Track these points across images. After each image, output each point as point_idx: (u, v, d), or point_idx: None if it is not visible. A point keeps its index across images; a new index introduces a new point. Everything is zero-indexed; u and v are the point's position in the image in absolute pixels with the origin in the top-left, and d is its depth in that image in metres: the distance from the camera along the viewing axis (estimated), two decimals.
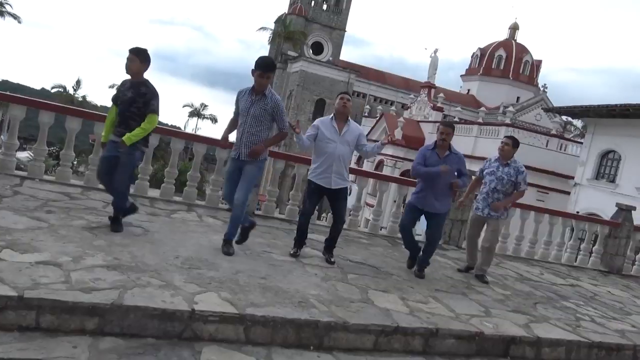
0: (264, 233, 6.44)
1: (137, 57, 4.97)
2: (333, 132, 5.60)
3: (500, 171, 6.45)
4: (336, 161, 5.57)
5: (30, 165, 6.79)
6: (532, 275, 7.82)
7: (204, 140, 7.62)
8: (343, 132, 5.63)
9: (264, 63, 5.06)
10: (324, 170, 5.58)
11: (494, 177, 6.47)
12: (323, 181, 5.60)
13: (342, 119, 5.69)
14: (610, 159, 23.30)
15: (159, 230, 5.44)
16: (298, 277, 4.84)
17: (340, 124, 5.66)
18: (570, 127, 47.74)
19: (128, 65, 4.96)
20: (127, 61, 4.94)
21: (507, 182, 6.43)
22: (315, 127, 5.66)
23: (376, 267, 5.97)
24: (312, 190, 5.72)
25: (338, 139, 5.60)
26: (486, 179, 6.54)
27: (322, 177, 5.60)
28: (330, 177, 5.58)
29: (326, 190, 5.66)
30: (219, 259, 4.85)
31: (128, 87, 5.01)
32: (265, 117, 5.12)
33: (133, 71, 5.00)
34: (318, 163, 5.62)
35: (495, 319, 4.98)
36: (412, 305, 4.78)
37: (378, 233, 8.33)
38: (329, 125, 5.64)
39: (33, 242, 4.19)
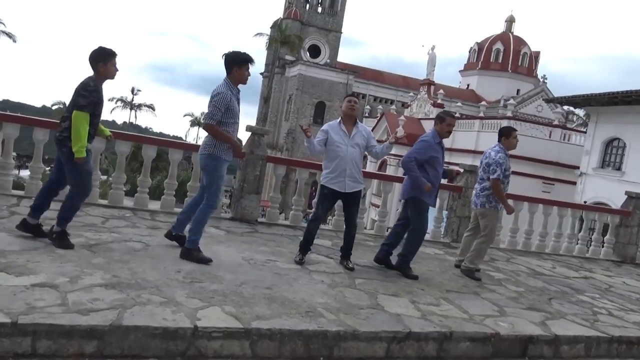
0: (268, 241, 6.30)
1: None
2: (343, 136, 5.50)
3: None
4: (349, 164, 5.46)
5: (27, 183, 6.67)
6: (545, 269, 7.64)
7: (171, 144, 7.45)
8: (352, 134, 5.53)
9: (249, 56, 4.99)
10: (338, 175, 5.47)
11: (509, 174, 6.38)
12: (337, 185, 5.49)
13: (351, 121, 5.59)
14: (615, 147, 23.10)
15: (160, 243, 5.30)
16: (304, 286, 4.69)
17: (348, 127, 5.56)
18: (572, 117, 47.44)
19: (114, 71, 4.78)
20: (115, 66, 4.77)
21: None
22: (324, 132, 5.55)
23: (384, 271, 5.81)
24: (326, 195, 5.60)
25: (348, 142, 5.50)
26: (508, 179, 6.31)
27: (335, 181, 5.49)
28: (345, 181, 5.48)
29: (341, 194, 5.56)
30: (222, 271, 4.71)
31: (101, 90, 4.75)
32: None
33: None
34: (330, 168, 5.51)
35: (511, 318, 4.82)
36: (423, 308, 4.63)
37: (384, 234, 8.15)
38: (337, 129, 5.53)
39: (29, 263, 4.05)
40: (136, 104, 56.99)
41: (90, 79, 4.72)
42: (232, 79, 4.99)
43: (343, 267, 5.60)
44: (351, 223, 5.74)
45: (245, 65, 4.98)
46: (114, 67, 4.77)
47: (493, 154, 6.21)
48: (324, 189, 5.57)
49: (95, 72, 4.74)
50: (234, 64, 4.96)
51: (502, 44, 56.61)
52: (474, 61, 58.77)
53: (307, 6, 58.21)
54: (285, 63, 57.58)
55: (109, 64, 4.75)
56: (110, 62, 4.75)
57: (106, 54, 4.76)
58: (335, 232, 7.45)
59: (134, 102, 57.20)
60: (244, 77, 5.00)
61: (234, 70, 4.96)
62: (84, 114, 4.56)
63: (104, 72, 4.76)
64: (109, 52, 4.78)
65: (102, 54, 4.75)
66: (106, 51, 4.77)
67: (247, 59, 4.99)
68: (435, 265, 6.52)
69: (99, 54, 4.75)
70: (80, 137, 4.55)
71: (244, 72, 4.98)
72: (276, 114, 58.56)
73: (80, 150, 4.56)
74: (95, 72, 4.74)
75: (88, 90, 4.59)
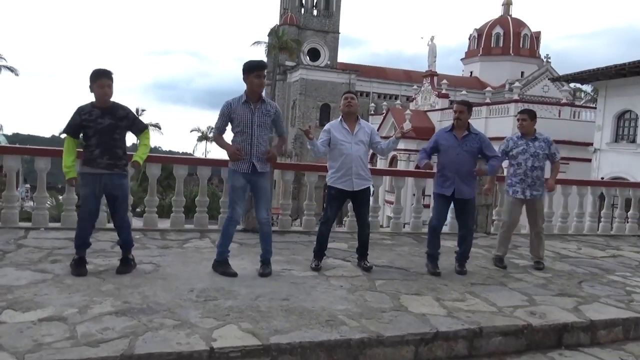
0: (282, 250, 6.12)
1: (112, 80, 4.70)
2: (345, 134, 5.35)
3: (532, 147, 6.08)
4: (354, 162, 5.29)
5: (34, 214, 6.56)
6: (570, 251, 7.39)
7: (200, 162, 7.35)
8: (355, 131, 5.36)
9: (258, 63, 4.92)
10: (344, 174, 5.30)
11: (527, 154, 6.06)
12: (344, 184, 5.32)
13: (352, 119, 5.43)
14: (627, 119, 22.71)
15: (171, 263, 5.15)
16: (323, 293, 4.51)
17: (350, 124, 5.40)
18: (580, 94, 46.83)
19: (107, 91, 4.62)
20: (106, 88, 4.60)
21: (542, 157, 6.08)
22: (326, 132, 5.40)
23: (404, 269, 5.61)
24: (333, 196, 5.42)
25: (352, 139, 5.33)
26: (519, 159, 6.09)
27: (342, 180, 5.32)
28: (351, 180, 5.30)
29: (349, 193, 5.39)
30: (236, 285, 4.54)
31: (100, 115, 4.61)
32: (268, 124, 4.99)
33: (110, 96, 4.69)
34: (336, 167, 5.35)
35: (542, 306, 4.59)
36: (449, 305, 4.42)
37: (401, 231, 7.97)
38: (339, 128, 5.38)
39: (36, 297, 3.91)
40: None
41: (90, 103, 4.69)
42: (246, 88, 4.94)
43: (361, 268, 5.42)
44: (363, 222, 5.56)
45: (252, 72, 4.84)
46: (101, 88, 4.60)
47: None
48: (331, 190, 5.39)
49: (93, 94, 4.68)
50: (244, 73, 4.90)
51: (502, 28, 56.16)
52: (474, 48, 58.36)
53: (303, 10, 58.21)
54: (286, 69, 57.58)
55: (95, 85, 4.61)
56: (97, 82, 4.60)
57: (93, 75, 4.65)
58: (350, 233, 7.25)
59: None
60: (252, 84, 4.87)
61: (245, 78, 4.90)
62: (67, 138, 4.65)
63: (96, 93, 4.65)
64: (97, 72, 4.65)
65: (91, 75, 4.67)
66: (94, 72, 4.67)
67: (252, 66, 4.87)
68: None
69: (91, 75, 4.65)
70: (63, 159, 4.65)
71: (252, 80, 4.86)
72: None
73: (65, 172, 4.65)
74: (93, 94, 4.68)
75: (73, 114, 4.61)
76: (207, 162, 7.41)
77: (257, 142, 4.89)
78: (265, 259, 5.04)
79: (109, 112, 4.68)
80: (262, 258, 5.05)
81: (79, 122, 4.61)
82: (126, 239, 4.93)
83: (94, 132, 4.64)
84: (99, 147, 4.66)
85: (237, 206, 5.03)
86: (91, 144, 4.67)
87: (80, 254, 4.76)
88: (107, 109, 4.68)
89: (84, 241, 4.80)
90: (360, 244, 5.57)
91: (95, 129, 4.63)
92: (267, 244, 5.05)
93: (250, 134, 4.88)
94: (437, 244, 5.69)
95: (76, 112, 4.61)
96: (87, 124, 4.62)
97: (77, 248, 4.77)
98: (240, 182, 4.96)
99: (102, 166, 4.67)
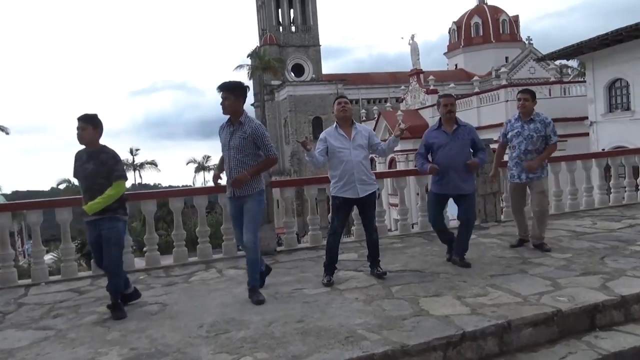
0: (291, 269, 5.91)
1: (89, 124, 4.57)
2: (342, 140, 5.14)
3: (527, 129, 5.89)
4: (355, 168, 5.08)
5: (32, 270, 6.35)
6: (585, 228, 7.16)
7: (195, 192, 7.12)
8: (353, 136, 5.16)
9: (219, 86, 4.74)
10: (346, 182, 5.09)
11: (521, 137, 5.90)
12: (349, 193, 5.11)
13: (347, 124, 5.22)
14: (618, 88, 22.56)
15: (178, 300, 4.94)
16: (338, 309, 4.29)
17: (346, 130, 5.19)
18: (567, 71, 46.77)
19: (81, 134, 4.54)
20: (79, 130, 4.54)
21: (537, 139, 5.87)
22: (322, 141, 5.19)
23: (419, 271, 5.40)
24: (338, 205, 5.21)
25: (349, 145, 5.12)
26: (513, 142, 5.95)
27: (346, 189, 5.11)
28: (355, 186, 5.09)
29: (354, 200, 5.18)
30: (248, 313, 4.33)
31: (86, 159, 4.55)
32: (247, 146, 4.74)
33: (87, 140, 4.57)
34: (337, 176, 5.14)
35: (568, 289, 4.38)
36: (471, 302, 4.20)
37: (410, 232, 7.75)
38: (335, 135, 5.17)
39: (39, 357, 3.71)
40: (138, 164, 57.11)
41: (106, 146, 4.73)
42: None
43: (375, 275, 5.20)
44: (371, 228, 5.35)
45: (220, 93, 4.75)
46: (77, 130, 4.58)
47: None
48: (336, 200, 5.18)
49: None
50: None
51: (479, 17, 56.41)
52: (456, 40, 58.54)
53: (281, 28, 58.46)
54: (272, 88, 57.65)
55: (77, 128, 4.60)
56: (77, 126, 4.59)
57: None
58: (359, 242, 7.04)
59: (136, 163, 57.36)
60: (223, 108, 4.79)
61: None
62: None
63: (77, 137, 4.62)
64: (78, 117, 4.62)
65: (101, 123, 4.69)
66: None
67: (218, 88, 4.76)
68: (472, 251, 6.04)
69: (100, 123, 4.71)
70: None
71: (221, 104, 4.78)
72: (275, 139, 58.49)
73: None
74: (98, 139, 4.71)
75: None
76: (202, 191, 7.19)
77: (235, 165, 4.73)
78: (251, 286, 4.73)
79: (93, 156, 4.60)
80: (248, 286, 4.77)
81: (74, 168, 4.65)
82: (114, 283, 4.68)
83: (83, 177, 4.62)
84: (87, 192, 4.60)
85: (235, 231, 4.93)
86: (82, 189, 4.64)
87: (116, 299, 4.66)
88: (92, 153, 4.61)
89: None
90: (370, 250, 5.37)
91: (83, 174, 4.61)
92: (250, 270, 4.76)
93: (227, 157, 4.77)
94: (446, 235, 5.76)
95: (75, 157, 4.67)
96: (76, 169, 4.63)
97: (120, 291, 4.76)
98: (232, 207, 4.91)
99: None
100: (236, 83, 4.79)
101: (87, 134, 4.55)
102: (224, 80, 4.75)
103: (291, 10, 59.18)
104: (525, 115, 5.92)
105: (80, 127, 4.52)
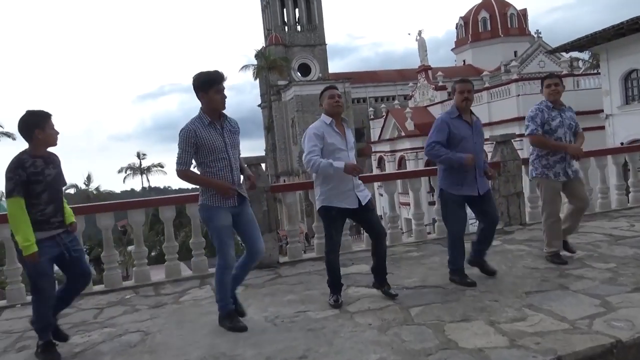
0: (294, 285, 5.24)
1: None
2: (339, 139, 4.36)
3: (566, 118, 5.14)
4: None
5: (7, 290, 5.73)
6: (623, 230, 6.42)
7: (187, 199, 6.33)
8: (346, 135, 4.44)
9: (215, 75, 3.98)
10: (345, 190, 4.32)
11: (565, 127, 5.11)
12: (347, 202, 4.34)
13: (339, 119, 4.47)
14: (634, 79, 21.73)
15: (163, 327, 4.27)
16: (348, 339, 3.60)
17: (339, 127, 4.43)
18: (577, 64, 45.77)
19: (54, 134, 3.84)
20: (53, 131, 3.82)
21: (574, 128, 5.17)
22: (319, 138, 4.31)
23: (441, 287, 4.68)
24: (334, 217, 4.41)
25: (346, 145, 4.38)
26: (559, 133, 5.09)
27: (344, 197, 4.33)
28: (354, 194, 4.35)
29: (352, 210, 4.41)
30: (241, 346, 3.65)
31: (44, 165, 3.79)
32: (238, 142, 4.15)
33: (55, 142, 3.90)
34: (333, 183, 4.33)
35: (622, 311, 3.66)
36: (507, 329, 3.50)
37: (427, 239, 7.03)
38: (332, 132, 4.36)
39: None
40: (145, 168, 56.76)
41: (23, 153, 3.79)
42: (204, 107, 4.00)
43: (386, 294, 4.48)
44: (379, 231, 4.55)
45: (211, 87, 3.94)
46: (53, 130, 3.83)
47: (529, 111, 5.21)
48: (331, 211, 4.37)
49: (32, 143, 3.82)
50: (200, 90, 3.97)
51: (487, 12, 55.48)
52: (463, 36, 57.62)
53: (286, 28, 57.93)
54: (279, 89, 57.11)
55: (46, 127, 3.81)
56: (47, 125, 3.81)
57: (41, 117, 3.83)
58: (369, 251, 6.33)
59: (143, 167, 56.99)
60: (214, 101, 3.96)
61: (201, 96, 3.98)
62: (15, 200, 3.62)
63: (44, 138, 3.83)
64: (43, 114, 3.85)
65: (36, 118, 3.82)
66: (39, 114, 3.84)
67: (211, 80, 3.95)
68: (498, 261, 5.35)
69: (33, 119, 3.81)
70: (19, 229, 3.61)
71: (212, 95, 3.94)
72: (283, 140, 57.95)
73: (27, 247, 3.59)
74: (32, 142, 3.81)
75: (11, 169, 3.67)
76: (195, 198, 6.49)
77: (235, 166, 4.06)
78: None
79: (51, 161, 3.89)
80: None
81: (26, 177, 3.71)
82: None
83: (44, 186, 3.80)
84: (51, 203, 3.83)
85: (230, 249, 4.03)
86: (41, 202, 3.79)
87: (46, 338, 3.87)
88: (47, 157, 3.90)
89: (48, 321, 3.90)
90: (376, 262, 4.59)
91: (45, 183, 3.80)
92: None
93: (228, 158, 4.01)
94: (463, 254, 4.85)
95: (17, 167, 3.69)
96: (35, 177, 3.76)
97: (40, 332, 3.87)
98: (226, 219, 4.04)
99: (57, 225, 3.85)
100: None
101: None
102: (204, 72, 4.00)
103: (296, 9, 58.61)
104: (559, 103, 5.17)
105: (53, 127, 3.84)
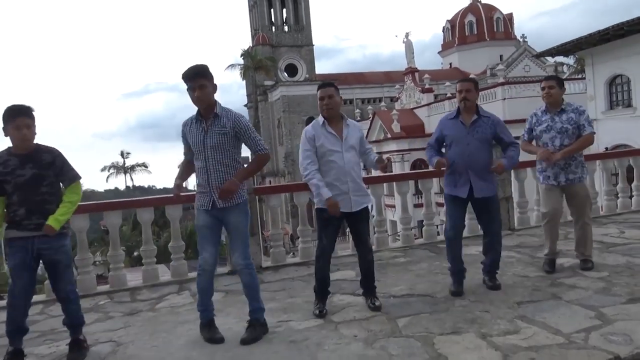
0: (277, 292, 5.03)
1: (33, 120, 3.63)
2: (333, 140, 4.18)
3: (558, 122, 4.95)
4: (349, 175, 4.17)
5: None
6: (613, 237, 6.31)
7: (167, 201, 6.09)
8: (344, 135, 4.22)
9: (187, 71, 3.75)
10: (339, 192, 4.14)
11: (553, 132, 4.94)
12: (340, 205, 4.15)
13: (336, 119, 4.26)
14: (619, 84, 21.82)
15: (136, 337, 4.04)
16: (333, 352, 3.40)
17: (336, 127, 4.22)
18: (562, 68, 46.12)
19: (26, 133, 3.54)
20: (23, 129, 3.52)
21: (574, 132, 4.93)
22: (310, 141, 4.19)
23: (430, 295, 4.51)
24: (327, 220, 4.23)
25: (341, 147, 4.18)
26: (544, 139, 5.00)
27: (337, 200, 4.14)
28: (349, 197, 4.17)
29: (345, 214, 4.23)
30: (218, 358, 3.44)
31: (19, 165, 3.55)
32: (227, 143, 3.77)
33: (31, 140, 3.62)
34: (328, 184, 4.16)
35: (619, 324, 3.51)
36: (500, 343, 3.33)
37: (414, 244, 6.86)
38: (325, 133, 4.19)
39: None
40: (128, 167, 56.20)
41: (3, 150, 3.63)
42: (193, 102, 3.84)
43: (369, 307, 4.27)
44: (365, 246, 4.40)
45: (187, 85, 3.77)
46: (17, 130, 3.53)
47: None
48: (323, 212, 4.19)
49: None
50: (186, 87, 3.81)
51: (473, 15, 55.75)
52: (450, 39, 57.82)
53: (273, 28, 57.61)
54: (266, 89, 56.79)
55: (10, 126, 3.55)
56: (11, 123, 3.54)
57: (7, 114, 3.57)
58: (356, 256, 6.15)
59: (127, 165, 56.45)
60: (193, 99, 3.79)
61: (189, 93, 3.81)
62: None
63: (10, 138, 3.58)
64: (11, 110, 3.58)
65: (4, 114, 3.58)
66: (8, 110, 3.59)
67: (183, 77, 3.76)
68: None
69: (2, 115, 3.59)
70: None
71: (190, 94, 3.78)
72: (269, 140, 57.60)
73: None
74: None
75: None
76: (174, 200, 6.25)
77: (214, 169, 3.77)
78: (253, 318, 3.87)
79: (30, 159, 3.59)
80: (249, 317, 3.92)
81: None
82: (74, 315, 3.85)
83: (14, 187, 3.56)
84: (23, 205, 3.58)
85: (205, 251, 3.84)
86: (13, 202, 3.59)
87: (16, 345, 3.66)
88: (27, 156, 3.60)
89: (19, 326, 3.69)
90: (363, 275, 4.45)
91: (15, 184, 3.56)
92: (251, 298, 3.91)
93: (204, 159, 3.77)
94: (458, 256, 4.63)
95: None
96: (3, 177, 3.55)
97: (10, 337, 3.67)
98: (203, 219, 3.84)
99: (32, 227, 3.58)
100: (206, 66, 3.86)
101: (32, 132, 3.61)
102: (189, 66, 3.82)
103: (284, 10, 58.32)
104: (554, 106, 5.01)
105: (26, 124, 3.54)
